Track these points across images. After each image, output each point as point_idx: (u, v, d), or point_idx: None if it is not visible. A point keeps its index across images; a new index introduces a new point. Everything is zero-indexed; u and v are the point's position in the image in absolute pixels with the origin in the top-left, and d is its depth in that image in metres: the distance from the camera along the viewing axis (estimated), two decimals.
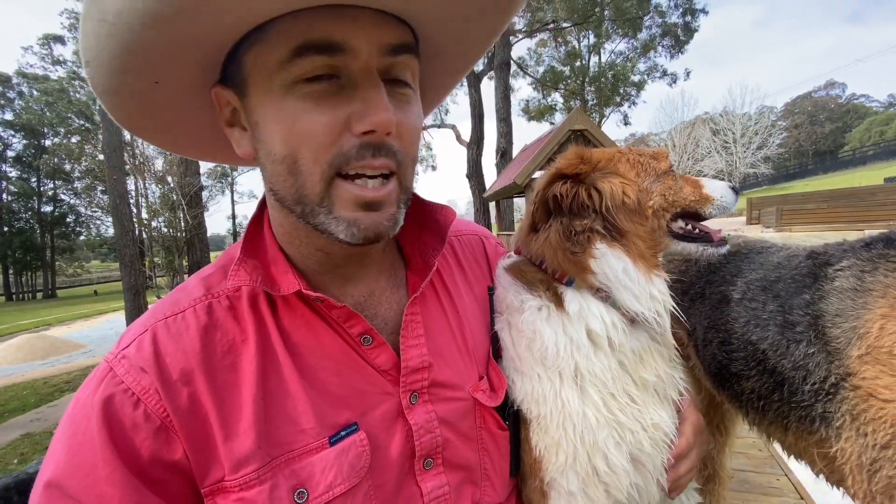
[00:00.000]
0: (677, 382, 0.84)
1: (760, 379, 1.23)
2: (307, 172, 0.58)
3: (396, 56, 0.59)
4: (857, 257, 1.10)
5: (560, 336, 0.75)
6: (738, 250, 1.52)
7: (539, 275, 0.82)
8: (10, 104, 41.39)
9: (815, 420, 1.09)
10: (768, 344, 1.20)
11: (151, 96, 0.62)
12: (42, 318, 21.32)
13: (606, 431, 0.73)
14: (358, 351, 0.67)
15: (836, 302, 1.06)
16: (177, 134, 0.73)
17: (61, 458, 0.53)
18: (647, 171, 0.84)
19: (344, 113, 0.56)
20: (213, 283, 0.66)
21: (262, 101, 0.58)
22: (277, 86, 0.56)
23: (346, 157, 0.57)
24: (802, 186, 37.52)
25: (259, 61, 0.57)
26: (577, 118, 8.08)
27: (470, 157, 16.59)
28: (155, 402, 0.55)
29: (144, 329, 0.61)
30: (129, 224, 9.63)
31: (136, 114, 0.65)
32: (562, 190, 0.78)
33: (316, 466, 0.60)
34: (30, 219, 44.87)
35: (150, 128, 0.70)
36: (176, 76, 0.60)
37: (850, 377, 1.00)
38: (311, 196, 0.59)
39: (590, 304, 0.76)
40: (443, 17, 0.63)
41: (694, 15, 25.32)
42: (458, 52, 0.74)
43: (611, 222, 0.77)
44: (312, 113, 0.56)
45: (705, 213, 0.90)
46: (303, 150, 0.57)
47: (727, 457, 1.85)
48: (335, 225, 0.60)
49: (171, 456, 0.55)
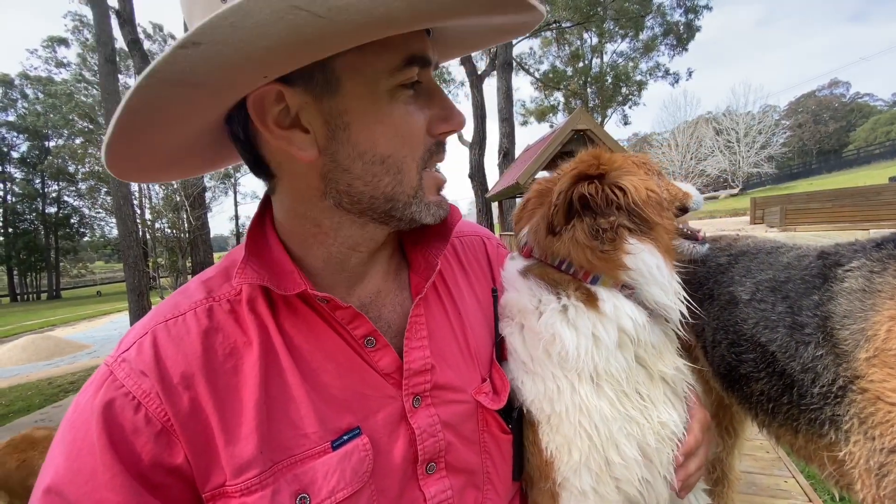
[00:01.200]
0: (689, 376, 0.84)
1: (770, 381, 1.21)
2: (406, 170, 0.64)
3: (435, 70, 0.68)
4: (867, 257, 1.08)
5: (582, 338, 0.75)
6: (746, 250, 1.49)
7: (563, 276, 0.81)
8: (13, 105, 41.64)
9: (825, 423, 1.07)
10: (777, 346, 1.18)
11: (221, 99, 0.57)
12: (46, 319, 21.43)
13: (619, 423, 0.74)
14: (361, 354, 0.67)
15: (845, 303, 1.05)
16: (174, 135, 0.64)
17: (61, 463, 0.53)
18: (650, 171, 0.87)
19: (428, 115, 0.64)
20: (215, 286, 0.66)
21: (362, 103, 0.59)
22: (384, 90, 0.59)
23: (430, 153, 0.66)
24: (806, 186, 37.37)
25: (360, 66, 0.58)
26: (581, 118, 8.05)
27: (472, 157, 16.58)
28: (156, 406, 0.55)
29: (145, 332, 0.60)
30: (133, 225, 9.67)
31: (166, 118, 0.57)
32: (589, 189, 0.78)
33: (318, 471, 0.59)
34: (34, 220, 45.20)
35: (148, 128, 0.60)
36: None
37: (858, 380, 0.98)
38: (408, 190, 0.65)
39: (622, 303, 0.76)
40: (466, 30, 0.70)
41: (697, 13, 25.25)
42: (460, 49, 0.80)
43: (639, 217, 0.78)
44: (414, 116, 0.62)
45: (690, 206, 0.96)
46: (405, 149, 0.62)
47: (736, 459, 1.83)
48: (426, 210, 0.68)
49: (173, 460, 0.55)
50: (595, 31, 25.70)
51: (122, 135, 0.55)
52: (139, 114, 0.54)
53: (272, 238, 0.69)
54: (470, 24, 0.66)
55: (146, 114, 0.55)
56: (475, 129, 16.66)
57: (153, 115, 0.56)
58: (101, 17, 9.71)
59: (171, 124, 0.58)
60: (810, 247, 1.35)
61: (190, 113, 0.57)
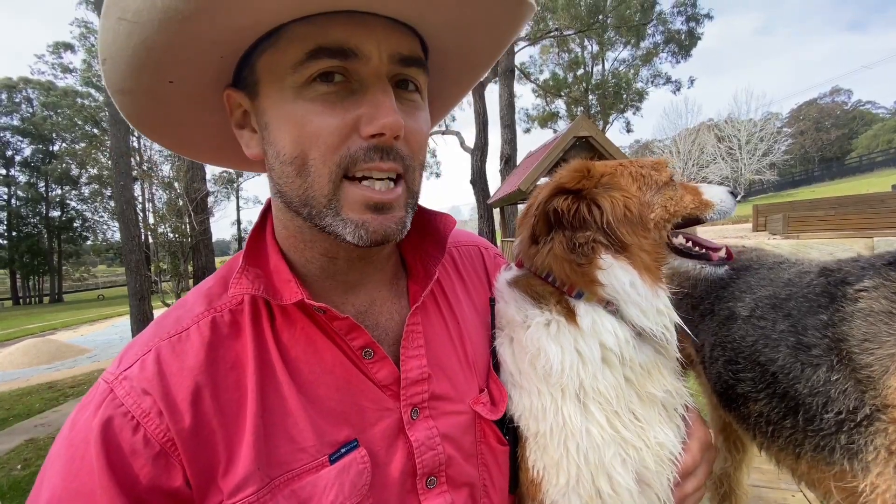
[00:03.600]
0: (684, 396, 0.82)
1: (770, 403, 1.17)
2: (316, 174, 0.58)
3: (406, 67, 0.61)
4: (882, 277, 1.04)
5: (567, 353, 0.73)
6: (749, 265, 1.46)
7: (547, 288, 0.80)
8: (17, 109, 41.95)
9: (835, 451, 1.02)
10: (779, 366, 1.15)
11: (164, 96, 0.63)
12: (48, 323, 21.44)
13: (613, 449, 0.71)
14: (358, 365, 0.66)
15: (864, 325, 1.00)
16: (185, 136, 0.74)
17: (58, 483, 0.52)
18: (649, 183, 0.84)
19: (353, 115, 0.57)
20: (215, 297, 0.65)
21: (273, 102, 0.59)
22: (289, 88, 0.57)
23: (353, 159, 0.58)
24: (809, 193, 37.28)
25: (272, 64, 0.58)
26: (583, 125, 8.06)
27: (474, 163, 16.60)
28: (155, 426, 0.54)
29: (148, 349, 0.59)
30: (136, 229, 9.68)
31: (147, 114, 0.66)
32: (562, 205, 0.77)
33: (316, 486, 0.58)
34: (37, 224, 45.35)
35: (159, 128, 0.71)
36: (190, 76, 0.61)
37: (890, 409, 0.94)
38: (319, 197, 0.59)
39: (602, 318, 0.75)
40: (452, 26, 0.63)
41: (698, 21, 25.36)
42: (465, 63, 0.74)
43: (614, 236, 0.76)
44: (323, 115, 0.57)
45: (706, 218, 0.89)
46: (312, 151, 0.57)
47: (744, 474, 1.80)
48: (342, 227, 0.60)
49: (171, 483, 0.54)
50: (596, 38, 25.82)
51: (153, 135, 0.69)
52: (143, 124, 0.67)
53: (271, 245, 0.69)
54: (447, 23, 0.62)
55: (146, 120, 0.66)
56: (477, 135, 16.70)
57: (155, 122, 0.67)
58: None
59: (181, 124, 0.68)
60: (812, 262, 1.31)
61: (174, 114, 0.66)
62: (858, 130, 70.54)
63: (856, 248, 11.50)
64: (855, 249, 11.50)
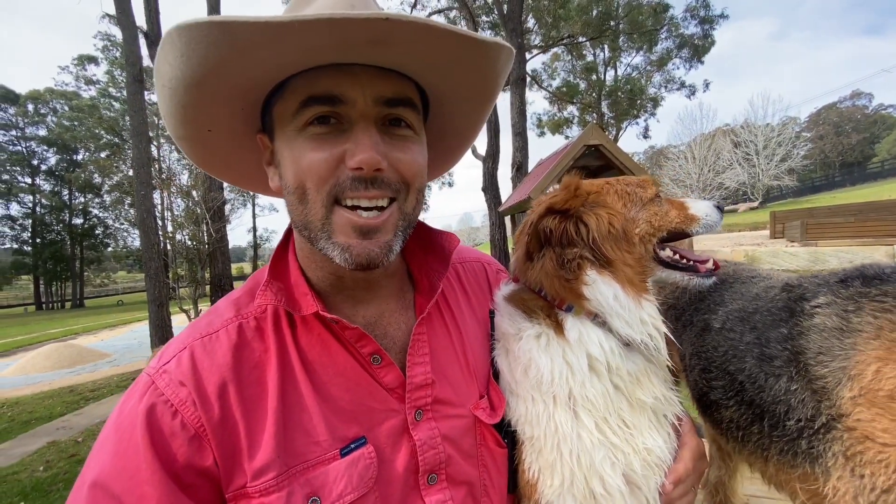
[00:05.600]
0: (674, 404, 0.85)
1: (738, 409, 1.24)
2: (311, 200, 0.68)
3: (393, 108, 0.69)
4: (834, 294, 1.10)
5: (556, 364, 0.78)
6: (725, 279, 1.52)
7: (539, 302, 0.85)
8: (43, 120, 43.37)
9: (798, 455, 1.09)
10: (746, 375, 1.22)
11: (210, 142, 0.76)
12: (70, 328, 21.97)
13: (602, 453, 0.75)
14: (368, 369, 0.73)
15: (819, 339, 1.06)
16: (236, 171, 0.87)
17: (107, 460, 0.59)
18: (634, 199, 0.88)
19: (340, 150, 0.66)
20: (242, 305, 0.74)
21: (281, 143, 0.70)
22: (291, 131, 0.68)
23: (341, 188, 0.67)
24: (829, 199, 36.44)
25: (279, 112, 0.69)
26: (593, 133, 8.07)
27: (486, 170, 16.65)
28: (191, 413, 0.62)
29: (183, 346, 0.68)
30: (155, 237, 9.93)
31: (202, 154, 0.80)
32: (551, 224, 0.82)
33: (328, 476, 0.65)
34: (61, 231, 46.69)
35: (215, 166, 0.84)
36: (223, 125, 0.74)
37: (844, 418, 0.99)
38: (315, 222, 0.68)
39: (588, 330, 0.79)
40: (432, 69, 0.70)
41: (712, 24, 25.11)
42: (463, 100, 0.81)
43: (599, 252, 0.81)
44: (314, 151, 0.66)
45: (692, 231, 0.92)
46: (308, 182, 0.67)
47: (739, 482, 1.81)
48: (332, 249, 0.69)
49: (203, 463, 0.61)
50: (609, 44, 25.77)
51: (210, 170, 0.85)
52: (201, 162, 0.82)
53: (292, 262, 0.78)
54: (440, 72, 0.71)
55: (202, 159, 0.81)
56: (489, 142, 16.75)
57: (209, 159, 0.83)
58: (129, 38, 10.14)
59: (230, 161, 0.83)
60: (779, 278, 1.38)
61: (222, 153, 0.81)
62: (880, 135, 68.86)
63: (876, 256, 11.21)
64: (875, 257, 11.22)
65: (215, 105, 0.69)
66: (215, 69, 0.61)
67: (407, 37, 0.61)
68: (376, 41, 0.61)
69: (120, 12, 9.99)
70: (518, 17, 14.80)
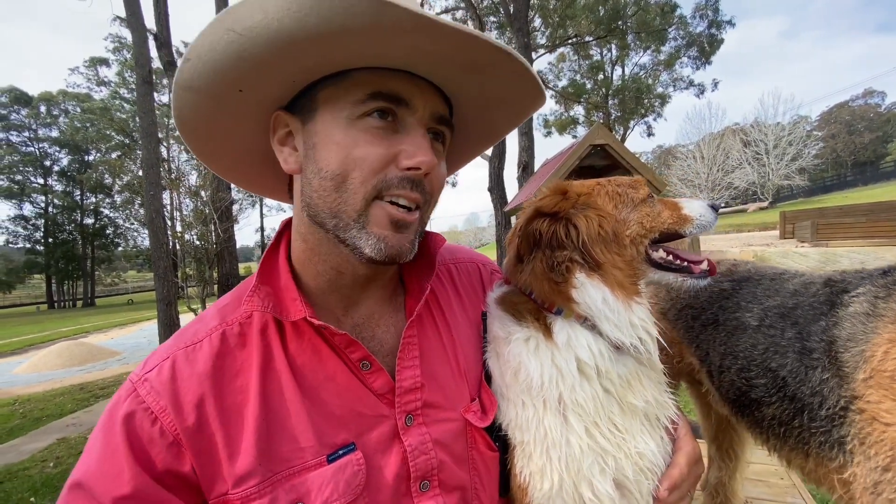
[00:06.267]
0: (668, 407, 0.85)
1: (781, 405, 1.24)
2: (352, 191, 0.67)
3: (440, 124, 0.75)
4: (872, 284, 1.11)
5: (545, 367, 0.78)
6: (749, 276, 1.51)
7: (529, 304, 0.85)
8: (55, 121, 43.97)
9: (833, 446, 1.09)
10: (788, 371, 1.21)
11: (224, 102, 0.70)
12: (81, 326, 22.25)
13: (591, 458, 0.75)
14: (357, 375, 0.73)
15: (849, 327, 1.07)
16: (217, 145, 0.80)
17: (92, 462, 0.61)
18: (625, 201, 0.87)
19: (395, 149, 0.68)
20: (228, 312, 0.74)
21: (326, 127, 0.69)
22: (344, 118, 0.68)
23: (388, 184, 0.68)
24: (841, 199, 35.91)
25: (333, 97, 0.69)
26: (599, 133, 8.02)
27: (492, 170, 16.62)
28: (169, 421, 0.63)
29: (166, 356, 0.69)
30: (164, 237, 10.01)
31: (196, 114, 0.72)
32: (541, 227, 0.82)
33: (314, 482, 0.65)
34: (72, 231, 47.26)
35: (198, 130, 0.76)
36: (259, 90, 0.70)
37: (857, 400, 1.01)
38: (350, 212, 0.68)
39: (577, 333, 0.79)
40: (475, 103, 0.78)
41: (720, 27, 24.91)
42: (482, 132, 0.89)
43: (588, 254, 0.81)
44: (371, 144, 0.67)
45: (686, 232, 0.90)
46: (354, 172, 0.67)
47: (739, 483, 1.80)
48: (365, 239, 0.69)
49: (181, 468, 0.63)
50: (617, 44, 25.59)
51: (188, 135, 0.77)
52: (188, 122, 0.74)
53: (283, 265, 0.78)
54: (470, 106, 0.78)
55: (193, 120, 0.73)
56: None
57: (199, 123, 0.74)
58: (139, 40, 10.23)
59: (219, 132, 0.77)
60: (815, 274, 1.37)
61: (222, 120, 0.74)
62: (893, 134, 67.67)
63: (888, 256, 11.04)
64: (886, 257, 11.05)
65: (278, 70, 0.65)
66: (326, 35, 0.58)
67: (498, 73, 0.69)
68: (474, 67, 0.67)
69: (130, 14, 10.09)
70: (524, 16, 14.72)
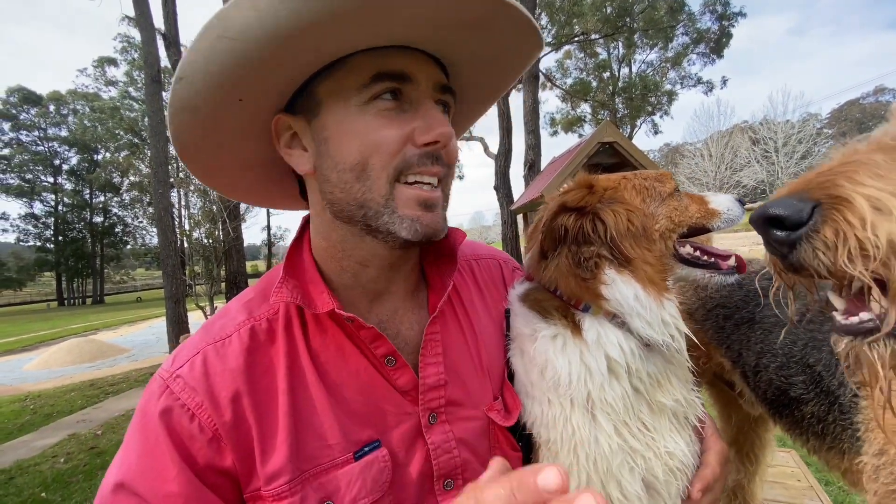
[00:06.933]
0: (696, 406, 0.83)
1: (818, 401, 1.21)
2: (375, 177, 0.66)
3: (443, 94, 0.72)
4: None
5: (574, 365, 0.76)
6: None
7: (555, 301, 0.83)
8: (64, 121, 44.43)
9: (860, 440, 1.06)
10: (823, 365, 1.18)
11: (224, 118, 0.68)
12: (90, 323, 22.48)
13: (620, 458, 0.73)
14: (381, 371, 0.71)
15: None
16: (220, 164, 0.79)
17: (132, 461, 0.60)
18: (652, 195, 0.84)
19: (409, 128, 0.67)
20: (254, 307, 0.73)
21: (336, 119, 0.67)
22: (353, 105, 0.66)
23: (408, 164, 0.67)
24: None
25: (335, 87, 0.67)
26: (607, 130, 7.96)
27: (498, 169, 16.57)
28: (207, 417, 0.62)
29: (196, 351, 0.67)
30: (172, 235, 10.09)
31: (197, 135, 0.70)
32: (567, 222, 0.80)
33: (342, 480, 0.64)
34: (82, 229, 47.81)
35: (201, 152, 0.74)
36: (259, 96, 0.68)
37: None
38: (377, 198, 0.67)
39: (607, 331, 0.77)
40: (470, 63, 0.75)
41: (730, 20, 24.64)
42: (478, 94, 0.85)
43: (617, 250, 0.78)
44: (385, 127, 0.66)
45: (713, 226, 0.88)
46: (373, 158, 0.66)
47: (758, 486, 1.77)
48: (399, 223, 0.67)
49: (223, 463, 0.62)
50: (624, 41, 25.43)
51: (191, 158, 0.74)
52: (189, 146, 0.72)
53: (307, 258, 0.76)
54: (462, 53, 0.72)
55: (194, 142, 0.71)
56: (501, 141, 16.67)
57: (201, 143, 0.72)
58: (148, 39, 10.30)
59: (223, 150, 0.74)
60: None
61: (223, 136, 0.72)
62: None
63: None
64: None
65: (277, 69, 0.63)
66: (326, 17, 0.55)
67: (502, 25, 0.65)
68: (476, 24, 0.64)
69: (139, 14, 10.16)
70: (531, 13, 14.67)
